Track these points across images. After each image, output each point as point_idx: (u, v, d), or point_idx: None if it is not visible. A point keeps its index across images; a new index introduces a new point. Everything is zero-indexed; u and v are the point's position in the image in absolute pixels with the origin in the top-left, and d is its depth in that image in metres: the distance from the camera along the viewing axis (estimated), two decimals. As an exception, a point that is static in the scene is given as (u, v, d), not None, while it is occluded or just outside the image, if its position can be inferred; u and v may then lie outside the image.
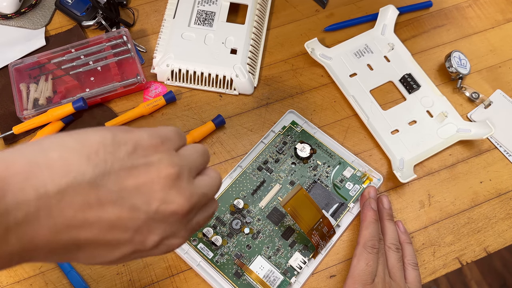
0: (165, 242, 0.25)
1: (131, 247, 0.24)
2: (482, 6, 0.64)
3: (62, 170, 0.21)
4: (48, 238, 0.21)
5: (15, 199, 0.20)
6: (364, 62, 0.58)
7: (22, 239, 0.20)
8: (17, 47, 0.58)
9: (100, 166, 0.22)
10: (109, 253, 0.24)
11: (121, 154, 0.23)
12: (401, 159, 0.52)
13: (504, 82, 0.59)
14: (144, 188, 0.23)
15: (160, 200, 0.24)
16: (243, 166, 0.51)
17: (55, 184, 0.20)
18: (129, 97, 0.56)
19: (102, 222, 0.22)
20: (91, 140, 0.23)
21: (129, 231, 0.23)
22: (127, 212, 0.23)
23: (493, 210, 0.51)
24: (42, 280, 0.46)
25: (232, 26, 0.57)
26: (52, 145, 0.22)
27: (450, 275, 1.10)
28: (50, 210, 0.20)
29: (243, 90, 0.56)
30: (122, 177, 0.23)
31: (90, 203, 0.21)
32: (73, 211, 0.21)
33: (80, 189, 0.21)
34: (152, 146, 0.25)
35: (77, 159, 0.21)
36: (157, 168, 0.24)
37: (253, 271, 0.46)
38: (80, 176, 0.21)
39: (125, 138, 0.24)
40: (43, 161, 0.21)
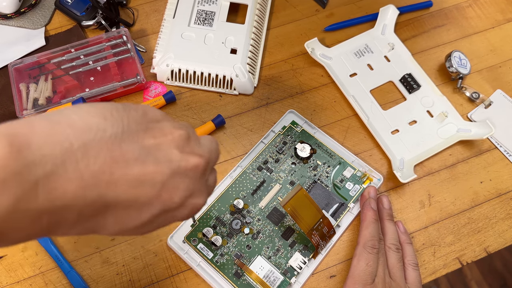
0: (189, 201, 0.26)
1: (159, 205, 0.24)
2: (482, 6, 0.64)
3: (83, 128, 0.22)
4: (76, 192, 0.21)
5: (41, 152, 0.20)
6: (364, 62, 0.58)
7: (51, 193, 0.20)
8: (17, 47, 0.57)
9: (118, 124, 0.23)
10: (138, 214, 0.24)
11: (135, 117, 0.24)
12: (401, 159, 0.52)
13: (504, 82, 0.59)
14: (163, 146, 0.24)
15: (179, 157, 0.25)
16: (243, 166, 0.51)
17: (78, 139, 0.21)
18: (129, 97, 0.56)
19: (129, 177, 0.22)
20: (104, 105, 0.24)
21: (156, 186, 0.23)
22: (152, 166, 0.23)
23: (493, 210, 0.51)
24: (42, 280, 0.46)
25: (232, 26, 0.57)
26: (70, 110, 0.23)
27: (450, 275, 1.09)
28: (77, 163, 0.21)
29: (243, 90, 0.56)
30: (141, 136, 0.24)
31: (114, 157, 0.22)
32: (99, 165, 0.21)
33: (103, 144, 0.22)
34: (159, 114, 0.26)
35: (96, 119, 0.22)
36: (169, 130, 0.25)
37: (253, 271, 0.46)
38: (101, 132, 0.22)
39: (134, 106, 0.25)
40: (64, 121, 0.22)
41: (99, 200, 0.22)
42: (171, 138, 0.25)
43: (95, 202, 0.22)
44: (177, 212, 0.26)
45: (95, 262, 0.47)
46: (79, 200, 0.21)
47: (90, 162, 0.21)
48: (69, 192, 0.20)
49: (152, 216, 0.24)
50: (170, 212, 0.25)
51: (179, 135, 0.25)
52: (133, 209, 0.23)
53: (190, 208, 0.26)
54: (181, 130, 0.26)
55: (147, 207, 0.24)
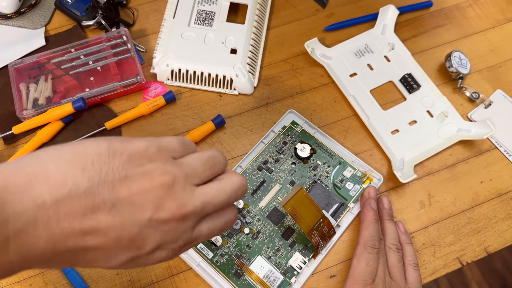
0: (162, 249, 0.25)
1: (128, 255, 0.24)
2: (482, 6, 0.64)
3: (58, 181, 0.22)
4: (45, 247, 0.21)
5: (13, 209, 0.20)
6: (364, 62, 0.58)
7: (21, 248, 0.21)
8: (17, 47, 0.57)
9: (95, 176, 0.23)
10: (107, 261, 0.24)
11: (116, 164, 0.23)
12: (401, 159, 0.52)
13: (505, 82, 0.59)
14: (137, 198, 0.24)
15: (152, 209, 0.24)
16: (243, 166, 0.51)
17: (52, 195, 0.21)
18: (129, 97, 0.56)
19: (97, 231, 0.23)
20: (87, 150, 0.23)
21: (123, 239, 0.23)
22: (120, 222, 0.23)
23: (493, 210, 0.51)
24: (41, 280, 0.46)
25: (232, 26, 0.57)
26: (49, 157, 0.23)
27: (450, 275, 1.09)
28: (48, 220, 0.21)
29: (243, 90, 0.56)
30: (116, 187, 0.23)
31: (85, 213, 0.22)
32: (69, 221, 0.22)
33: (76, 200, 0.22)
34: (148, 155, 0.25)
35: (73, 170, 0.22)
36: (150, 177, 0.24)
37: (253, 271, 0.45)
38: (75, 187, 0.22)
39: (120, 148, 0.24)
40: (40, 173, 0.22)
41: (67, 251, 0.22)
42: (149, 187, 0.24)
43: (63, 254, 0.22)
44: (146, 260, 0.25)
45: (95, 262, 0.47)
46: (48, 253, 0.22)
47: (61, 219, 0.21)
48: (38, 247, 0.21)
49: (121, 262, 0.25)
50: (139, 259, 0.25)
51: (160, 184, 0.24)
52: (101, 256, 0.24)
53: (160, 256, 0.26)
54: (163, 177, 0.24)
55: (114, 256, 0.24)
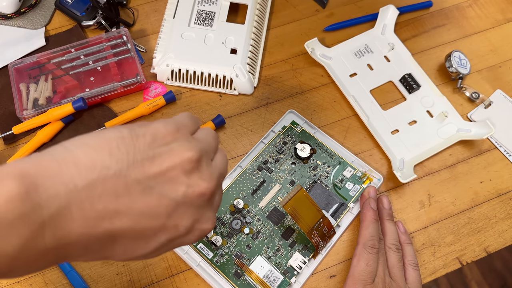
0: (197, 226, 0.26)
1: (166, 235, 0.24)
2: (482, 6, 0.64)
3: (88, 166, 0.22)
4: (81, 231, 0.21)
5: (46, 194, 0.20)
6: (364, 62, 0.58)
7: (57, 233, 0.21)
8: (17, 47, 0.58)
9: (123, 158, 0.23)
10: (145, 244, 0.24)
11: (141, 145, 0.24)
12: (401, 159, 0.52)
13: (505, 82, 0.59)
14: (169, 174, 0.24)
15: (186, 185, 0.24)
16: (243, 166, 0.51)
17: (83, 179, 0.21)
18: (129, 97, 0.56)
19: (133, 212, 0.22)
20: (110, 136, 0.24)
21: (160, 218, 0.23)
22: (156, 199, 0.23)
23: (493, 210, 0.51)
24: (42, 280, 0.46)
25: (232, 26, 0.57)
26: (75, 145, 0.23)
27: (450, 275, 1.09)
28: (81, 203, 0.21)
29: (243, 90, 0.56)
30: (146, 167, 0.23)
31: (118, 194, 0.22)
32: (103, 203, 0.22)
33: (107, 182, 0.22)
34: (169, 134, 0.25)
35: (100, 155, 0.22)
36: (178, 154, 0.25)
37: (253, 271, 0.46)
38: (105, 170, 0.22)
39: (142, 130, 0.25)
40: (69, 159, 0.22)
41: (104, 235, 0.22)
42: (178, 163, 0.24)
43: (101, 238, 0.22)
44: (184, 239, 0.26)
45: (95, 262, 0.47)
46: (84, 237, 0.21)
47: (94, 201, 0.21)
48: (74, 231, 0.21)
49: (159, 245, 0.25)
50: (177, 240, 0.25)
51: (188, 159, 0.25)
52: (139, 240, 0.24)
53: (197, 234, 0.26)
54: (191, 152, 0.25)
55: (153, 238, 0.24)
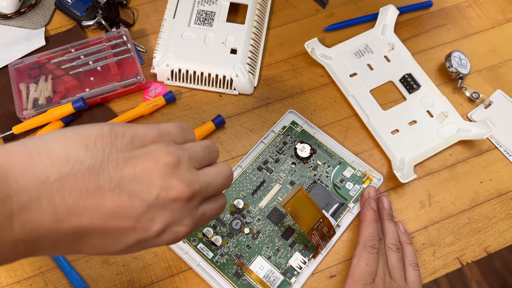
0: (169, 230, 0.25)
1: (135, 236, 0.24)
2: (482, 6, 0.64)
3: (61, 158, 0.21)
4: (50, 225, 0.21)
5: (17, 185, 0.20)
6: (364, 62, 0.58)
7: (26, 225, 0.20)
8: (17, 47, 0.58)
9: (98, 155, 0.22)
10: (113, 243, 0.24)
11: (119, 144, 0.24)
12: (401, 159, 0.52)
13: (505, 82, 0.59)
14: (143, 176, 0.23)
15: (159, 187, 0.24)
16: (243, 166, 0.51)
17: (55, 171, 0.21)
18: (129, 97, 0.56)
19: (102, 210, 0.22)
20: (89, 132, 0.23)
21: (130, 219, 0.23)
22: (126, 200, 0.23)
23: (493, 210, 0.51)
24: (41, 280, 0.46)
25: (232, 26, 0.57)
26: (52, 137, 0.23)
27: (450, 275, 1.09)
28: (51, 196, 0.21)
29: (243, 90, 0.56)
30: (121, 166, 0.23)
31: (89, 190, 0.22)
32: (73, 198, 0.21)
33: (79, 177, 0.22)
34: (149, 138, 0.25)
35: (76, 149, 0.22)
36: (155, 156, 0.24)
37: (253, 271, 0.46)
38: (79, 164, 0.22)
39: (122, 130, 0.24)
40: (44, 150, 0.22)
41: (73, 231, 0.22)
42: (154, 166, 0.24)
43: (69, 234, 0.22)
44: (154, 241, 0.25)
45: (95, 262, 0.47)
46: (53, 231, 0.21)
47: (65, 196, 0.21)
48: (43, 224, 0.21)
49: (127, 245, 0.24)
50: (147, 241, 0.25)
51: (165, 163, 0.24)
52: (107, 239, 0.23)
53: (170, 237, 0.25)
54: (168, 157, 0.24)
55: (121, 238, 0.24)
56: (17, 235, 0.20)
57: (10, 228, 0.20)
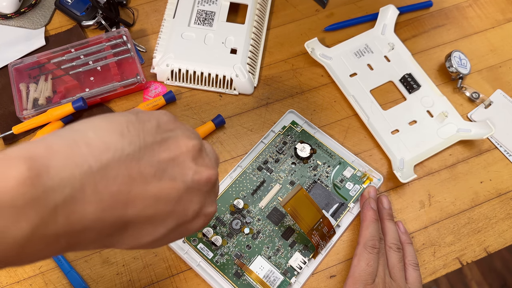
0: (203, 211, 0.26)
1: (174, 220, 0.24)
2: (482, 6, 0.64)
3: (100, 147, 0.21)
4: (96, 215, 0.20)
5: (59, 176, 0.19)
6: (364, 62, 0.58)
7: (70, 218, 0.20)
8: (17, 47, 0.57)
9: (135, 141, 0.23)
10: (154, 230, 0.24)
11: (149, 129, 0.24)
12: (401, 159, 0.52)
13: (505, 82, 0.59)
14: (178, 160, 0.24)
15: (193, 170, 0.25)
16: (243, 166, 0.51)
17: (97, 160, 0.21)
18: (129, 97, 0.56)
19: (146, 195, 0.22)
20: (119, 119, 0.23)
21: (171, 202, 0.23)
22: (168, 183, 0.23)
23: (493, 210, 0.51)
24: (42, 280, 0.46)
25: (232, 26, 0.57)
26: (85, 126, 0.22)
27: (450, 275, 1.09)
28: (96, 185, 0.20)
29: (243, 90, 0.56)
30: (156, 150, 0.23)
31: (132, 176, 0.22)
32: (118, 186, 0.21)
33: (122, 164, 0.21)
34: (170, 121, 0.26)
35: (112, 136, 0.22)
36: (183, 141, 0.25)
37: (253, 271, 0.45)
38: (119, 151, 0.22)
39: (147, 116, 0.25)
40: (81, 140, 0.21)
41: (118, 219, 0.22)
42: (185, 150, 0.25)
43: (114, 222, 0.22)
44: (191, 225, 0.26)
45: (95, 262, 0.47)
46: (98, 222, 0.21)
47: (109, 184, 0.21)
48: (88, 215, 0.20)
49: (167, 230, 0.24)
50: (184, 225, 0.25)
51: (193, 147, 0.25)
52: (149, 224, 0.23)
53: (203, 219, 0.27)
54: (194, 141, 0.25)
55: (162, 222, 0.24)
56: (61, 228, 0.19)
57: (53, 222, 0.19)
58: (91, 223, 0.20)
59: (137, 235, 0.23)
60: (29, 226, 0.18)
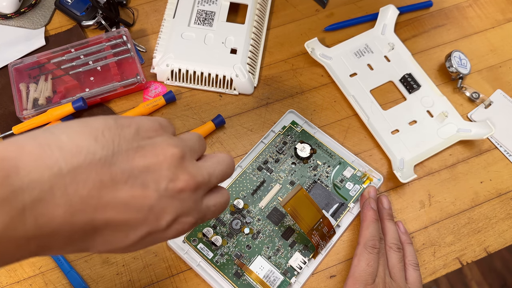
0: (178, 221, 0.25)
1: (146, 228, 0.24)
2: (482, 6, 0.64)
3: (73, 150, 0.21)
4: (64, 218, 0.20)
5: (28, 178, 0.19)
6: (364, 62, 0.58)
7: (39, 220, 0.20)
8: (17, 47, 0.57)
9: (109, 146, 0.22)
10: (125, 236, 0.24)
11: (126, 135, 0.24)
12: (401, 159, 0.52)
13: (505, 82, 0.59)
14: (153, 167, 0.24)
15: (168, 178, 0.24)
16: (243, 166, 0.51)
17: (68, 163, 0.21)
18: (129, 97, 0.56)
19: (117, 202, 0.22)
20: (95, 124, 0.23)
21: (143, 210, 0.23)
22: (139, 190, 0.23)
23: (493, 210, 0.51)
24: (41, 280, 0.46)
25: (232, 26, 0.57)
26: (59, 129, 0.22)
27: (450, 275, 1.09)
28: (65, 188, 0.20)
29: (243, 90, 0.56)
30: (131, 157, 0.23)
31: (103, 181, 0.22)
32: (88, 189, 0.21)
33: (93, 168, 0.21)
34: (153, 129, 0.25)
35: (86, 140, 0.22)
36: (161, 149, 0.24)
37: (253, 271, 0.45)
38: (91, 155, 0.21)
39: (126, 121, 0.24)
40: (53, 142, 0.21)
41: (87, 224, 0.22)
42: (162, 158, 0.24)
43: (83, 227, 0.21)
44: (163, 234, 0.25)
45: (95, 262, 0.47)
46: (67, 225, 0.21)
47: (79, 187, 0.21)
48: (57, 218, 0.20)
49: (139, 238, 0.24)
50: (157, 234, 0.25)
51: (171, 155, 0.24)
52: (120, 231, 0.23)
53: (179, 228, 0.26)
54: (174, 149, 0.25)
55: (133, 230, 0.24)
56: (30, 230, 0.20)
57: (22, 223, 0.19)
58: (60, 226, 0.20)
59: (109, 241, 0.23)
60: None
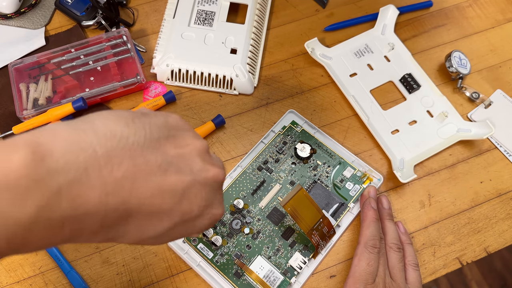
0: (208, 211, 0.26)
1: (179, 214, 0.24)
2: (482, 6, 0.64)
3: (107, 134, 0.22)
4: (99, 200, 0.21)
5: (64, 160, 0.20)
6: (364, 62, 0.58)
7: (74, 201, 0.20)
8: (17, 47, 0.57)
9: (141, 132, 0.23)
10: (158, 223, 0.24)
11: (157, 123, 0.24)
12: (401, 159, 0.52)
13: (505, 82, 0.59)
14: (185, 155, 0.25)
15: (201, 167, 0.25)
16: (243, 166, 0.51)
17: (102, 145, 0.21)
18: (129, 97, 0.56)
19: (151, 185, 0.22)
20: (124, 113, 0.24)
21: (176, 195, 0.24)
22: (174, 175, 0.23)
23: (493, 210, 0.51)
24: (42, 280, 0.46)
25: (232, 26, 0.57)
26: (92, 116, 0.23)
27: (450, 275, 1.09)
28: (100, 170, 0.21)
29: (243, 90, 0.56)
30: (163, 144, 0.24)
31: (137, 165, 0.22)
32: (122, 172, 0.21)
33: (126, 151, 0.22)
34: (179, 122, 0.26)
35: (118, 126, 0.22)
36: (191, 140, 0.25)
37: (253, 271, 0.45)
38: (124, 139, 0.22)
39: (153, 113, 0.25)
40: (88, 127, 0.22)
41: (122, 207, 0.22)
42: (193, 147, 0.25)
43: (118, 210, 0.22)
44: (196, 222, 0.26)
45: (95, 262, 0.47)
46: (101, 207, 0.21)
47: (114, 169, 0.21)
48: (92, 199, 0.20)
49: (172, 225, 0.24)
50: (189, 222, 0.25)
51: (201, 145, 0.26)
52: (154, 217, 0.23)
53: (208, 218, 0.27)
54: (201, 142, 0.26)
55: (167, 216, 0.24)
56: (65, 212, 0.20)
57: (58, 204, 0.19)
58: (95, 207, 0.21)
59: (141, 228, 0.23)
60: (34, 207, 0.19)
